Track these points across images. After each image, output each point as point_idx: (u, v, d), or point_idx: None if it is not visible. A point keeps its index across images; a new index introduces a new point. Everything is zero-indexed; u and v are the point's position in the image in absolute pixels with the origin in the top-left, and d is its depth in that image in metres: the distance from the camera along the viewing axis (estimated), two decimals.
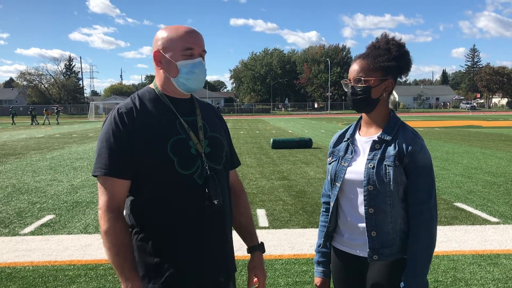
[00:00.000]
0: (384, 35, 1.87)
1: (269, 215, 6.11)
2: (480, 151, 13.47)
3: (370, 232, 1.81)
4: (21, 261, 4.42)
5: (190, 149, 1.66)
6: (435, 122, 34.06)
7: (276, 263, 4.31)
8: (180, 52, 1.66)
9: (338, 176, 1.90)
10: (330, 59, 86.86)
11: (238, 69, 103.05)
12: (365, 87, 1.82)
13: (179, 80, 1.69)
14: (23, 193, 7.84)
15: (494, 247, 4.69)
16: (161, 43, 1.67)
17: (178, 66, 1.66)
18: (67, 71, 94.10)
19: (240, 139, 19.69)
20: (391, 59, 1.80)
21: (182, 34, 1.66)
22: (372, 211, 1.79)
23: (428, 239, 1.75)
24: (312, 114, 65.61)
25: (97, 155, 1.63)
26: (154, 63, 1.72)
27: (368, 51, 1.87)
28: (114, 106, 1.73)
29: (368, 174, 1.79)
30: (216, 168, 1.72)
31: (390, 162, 1.76)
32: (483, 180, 8.56)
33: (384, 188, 1.76)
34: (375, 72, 1.81)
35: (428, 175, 1.78)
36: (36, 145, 17.69)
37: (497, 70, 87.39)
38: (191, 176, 1.64)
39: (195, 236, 1.66)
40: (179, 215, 1.64)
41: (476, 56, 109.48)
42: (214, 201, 1.64)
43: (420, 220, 1.75)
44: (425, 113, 66.13)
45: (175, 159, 1.61)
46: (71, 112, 76.05)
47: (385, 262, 1.80)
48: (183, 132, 1.67)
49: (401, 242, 1.80)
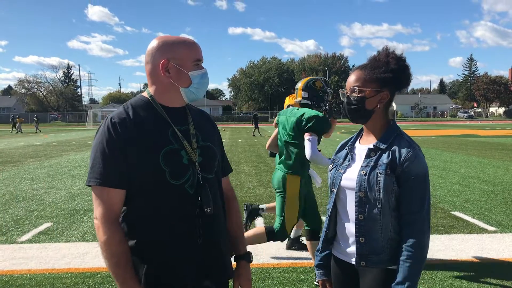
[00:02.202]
0: (386, 48, 1.89)
1: (267, 223, 6.11)
2: (477, 160, 13.51)
3: (358, 238, 1.83)
4: (19, 269, 4.41)
5: (182, 158, 1.67)
6: (432, 131, 34.16)
7: (274, 271, 4.31)
8: (192, 63, 1.69)
9: (335, 183, 1.94)
10: (328, 68, 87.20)
11: (236, 78, 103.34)
12: (360, 98, 1.84)
13: (190, 90, 1.71)
14: (21, 201, 7.82)
15: (491, 256, 4.70)
16: (170, 53, 1.68)
17: (191, 76, 1.69)
18: (65, 79, 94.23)
19: (238, 147, 19.71)
20: (388, 71, 1.82)
21: (191, 46, 1.71)
22: (362, 217, 1.82)
23: (419, 248, 1.75)
24: None
25: (91, 165, 1.63)
26: (156, 72, 1.69)
27: (367, 62, 1.89)
28: (108, 115, 1.74)
29: (360, 180, 1.82)
30: (207, 177, 1.73)
31: (381, 170, 1.78)
32: (480, 189, 8.58)
33: (374, 195, 1.78)
34: (371, 83, 1.83)
35: (421, 184, 1.78)
36: (34, 152, 17.67)
37: (494, 79, 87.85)
38: (182, 186, 1.65)
39: (187, 245, 1.67)
40: (171, 225, 1.65)
41: (473, 65, 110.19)
42: (205, 209, 1.66)
43: (412, 230, 1.76)
44: (423, 122, 66.31)
45: (166, 170, 1.62)
46: (69, 120, 76.04)
47: (378, 270, 1.81)
48: (176, 141, 1.68)
49: (391, 250, 1.80)
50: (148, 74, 1.73)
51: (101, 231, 1.60)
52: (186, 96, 1.73)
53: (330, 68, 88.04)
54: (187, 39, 1.74)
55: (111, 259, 1.59)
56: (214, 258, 1.74)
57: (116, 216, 1.63)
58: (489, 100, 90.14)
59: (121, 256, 1.59)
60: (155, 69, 1.69)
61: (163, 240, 1.65)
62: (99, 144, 1.63)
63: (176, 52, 1.68)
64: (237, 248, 1.92)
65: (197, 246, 1.68)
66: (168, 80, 1.69)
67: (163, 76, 1.69)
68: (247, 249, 1.94)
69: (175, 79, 1.69)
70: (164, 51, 1.68)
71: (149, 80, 1.74)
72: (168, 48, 1.68)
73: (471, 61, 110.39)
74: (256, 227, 4.12)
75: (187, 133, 1.72)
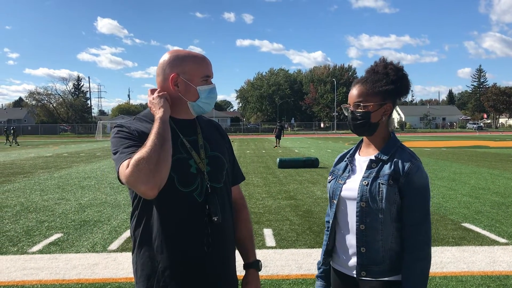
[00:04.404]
0: (382, 59, 1.91)
1: (276, 234, 6.11)
2: (487, 171, 13.41)
3: (359, 248, 1.83)
4: (30, 280, 4.44)
5: (190, 167, 1.71)
6: (441, 142, 33.95)
7: (283, 283, 4.30)
8: (200, 78, 1.75)
9: (335, 194, 1.94)
10: (336, 79, 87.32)
11: (244, 89, 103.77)
12: (365, 112, 1.85)
13: (197, 104, 1.76)
14: (31, 212, 7.89)
15: (503, 268, 4.65)
16: (180, 68, 1.73)
17: (199, 91, 1.74)
18: (75, 90, 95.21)
19: (247, 158, 19.72)
20: (389, 83, 1.84)
21: (200, 62, 1.76)
22: (363, 227, 1.82)
23: (425, 259, 1.77)
24: (318, 133, 65.64)
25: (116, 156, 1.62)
26: (166, 85, 1.75)
27: (367, 75, 1.90)
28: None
29: (362, 191, 1.83)
30: (216, 186, 1.76)
31: (384, 181, 1.79)
32: (491, 200, 8.51)
33: (376, 206, 1.79)
34: (374, 97, 1.85)
35: (424, 195, 1.80)
36: (44, 164, 17.83)
37: (504, 90, 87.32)
38: (191, 194, 1.69)
39: (194, 252, 1.69)
40: (179, 232, 1.67)
41: (482, 76, 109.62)
42: (213, 218, 1.68)
43: (418, 240, 1.77)
44: (432, 133, 65.95)
45: (175, 176, 1.65)
46: (79, 131, 76.69)
47: (378, 283, 1.81)
48: (184, 151, 1.72)
49: (391, 261, 1.81)
50: (159, 86, 1.79)
51: (126, 169, 1.51)
52: (193, 110, 1.78)
53: (338, 80, 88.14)
54: (198, 54, 1.79)
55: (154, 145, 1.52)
56: (221, 268, 1.76)
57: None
58: (498, 111, 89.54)
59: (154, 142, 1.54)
60: (165, 82, 1.75)
61: (172, 246, 1.67)
62: (114, 139, 1.69)
63: (186, 67, 1.73)
64: (246, 256, 1.94)
65: (205, 255, 1.70)
66: (177, 93, 1.74)
67: (172, 90, 1.74)
68: (256, 257, 1.96)
69: (183, 93, 1.74)
70: (174, 66, 1.74)
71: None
72: (179, 62, 1.74)
73: (480, 72, 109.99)
74: None
75: (195, 144, 1.76)
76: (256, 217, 7.14)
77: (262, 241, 5.76)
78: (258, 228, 6.45)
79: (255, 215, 7.34)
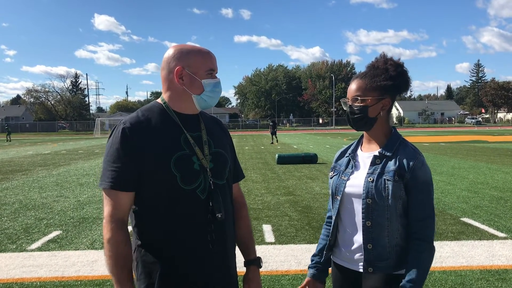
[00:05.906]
0: (383, 55, 1.91)
1: (275, 230, 6.11)
2: (486, 166, 13.43)
3: (366, 244, 1.84)
4: (29, 277, 4.44)
5: (194, 164, 1.70)
6: (440, 137, 33.99)
7: (282, 278, 4.31)
8: (205, 72, 1.74)
9: (338, 190, 1.94)
10: (334, 74, 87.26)
11: (242, 85, 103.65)
12: (362, 107, 1.85)
13: (202, 97, 1.75)
14: (30, 209, 7.88)
15: (502, 262, 4.66)
16: (185, 61, 1.73)
17: (204, 84, 1.74)
18: (73, 88, 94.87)
19: (246, 154, 19.73)
20: (388, 79, 1.84)
21: (205, 55, 1.76)
22: (369, 224, 1.82)
23: (430, 253, 1.78)
24: (317, 129, 65.66)
25: (103, 169, 1.69)
26: (170, 78, 1.75)
27: (366, 70, 1.91)
28: (119, 120, 1.78)
29: (367, 187, 1.83)
30: (219, 183, 1.76)
31: (389, 177, 1.79)
32: (489, 195, 8.52)
33: (382, 202, 1.79)
34: (372, 91, 1.85)
35: (429, 190, 1.81)
36: (43, 161, 17.81)
37: (502, 85, 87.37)
38: (194, 191, 1.68)
39: (197, 249, 1.69)
40: (182, 229, 1.67)
41: (480, 71, 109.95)
42: (217, 215, 1.68)
43: (425, 234, 1.78)
44: (430, 128, 66.02)
45: (177, 175, 1.65)
46: (77, 128, 76.61)
47: (381, 276, 1.82)
48: (187, 147, 1.71)
49: (397, 256, 1.82)
50: (163, 80, 1.78)
51: (105, 229, 1.64)
52: (198, 103, 1.77)
53: (336, 75, 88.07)
54: (202, 48, 1.79)
55: (111, 257, 1.63)
56: (223, 264, 1.76)
57: (122, 216, 1.67)
58: (497, 106, 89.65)
59: (120, 256, 1.63)
60: (170, 75, 1.75)
61: (175, 244, 1.67)
62: (111, 149, 1.68)
63: (191, 60, 1.73)
64: (247, 253, 1.94)
65: (208, 251, 1.70)
66: (182, 87, 1.74)
67: (177, 83, 1.74)
68: (256, 254, 1.96)
69: (188, 86, 1.74)
70: (179, 59, 1.74)
71: (164, 86, 1.79)
72: (184, 56, 1.74)
73: (478, 66, 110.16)
74: None
75: (199, 140, 1.76)
76: (255, 213, 7.14)
77: (261, 237, 5.76)
78: (257, 224, 6.46)
79: (254, 211, 7.34)
